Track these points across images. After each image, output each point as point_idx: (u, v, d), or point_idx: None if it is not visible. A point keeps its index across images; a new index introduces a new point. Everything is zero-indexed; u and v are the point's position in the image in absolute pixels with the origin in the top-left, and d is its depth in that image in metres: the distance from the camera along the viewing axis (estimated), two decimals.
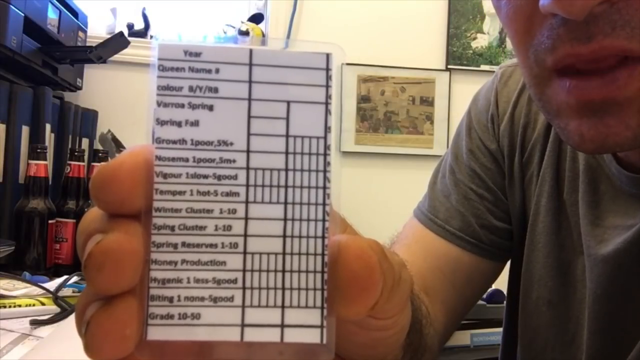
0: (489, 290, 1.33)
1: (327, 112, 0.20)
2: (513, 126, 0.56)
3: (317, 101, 0.20)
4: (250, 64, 0.19)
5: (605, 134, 0.36)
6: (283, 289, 0.19)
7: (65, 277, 0.81)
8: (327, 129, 0.20)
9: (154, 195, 0.18)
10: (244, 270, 0.19)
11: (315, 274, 0.19)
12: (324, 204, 0.19)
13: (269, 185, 0.19)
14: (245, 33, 1.86)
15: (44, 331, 0.65)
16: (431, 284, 0.53)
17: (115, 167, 0.18)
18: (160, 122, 0.19)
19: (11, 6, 1.03)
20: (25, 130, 1.15)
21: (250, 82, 0.19)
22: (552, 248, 0.52)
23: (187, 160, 0.19)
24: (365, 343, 0.23)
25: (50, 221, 1.06)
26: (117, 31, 1.30)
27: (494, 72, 0.61)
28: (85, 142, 1.50)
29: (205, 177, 0.19)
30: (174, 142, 0.19)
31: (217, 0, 1.98)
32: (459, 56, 2.08)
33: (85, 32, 1.47)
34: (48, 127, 1.22)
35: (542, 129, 0.54)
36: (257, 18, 1.96)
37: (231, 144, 0.19)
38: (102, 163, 1.16)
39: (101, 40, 1.26)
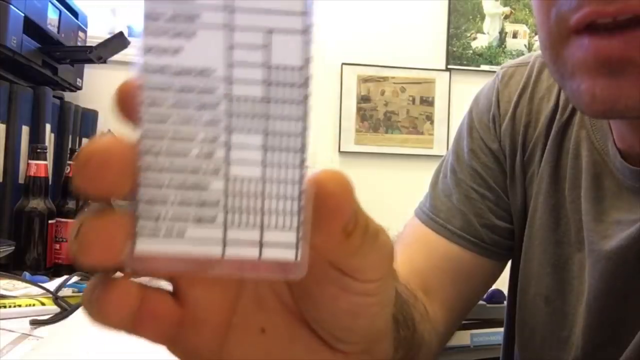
0: (489, 290, 1.34)
1: (307, 41, 0.20)
2: (514, 126, 0.56)
3: (297, 29, 0.20)
4: None
5: (618, 95, 0.36)
6: (262, 211, 0.20)
7: (65, 277, 0.81)
8: (307, 59, 0.20)
9: (140, 121, 0.19)
10: (226, 194, 0.20)
11: (292, 200, 0.20)
12: (302, 135, 0.20)
13: (249, 115, 0.20)
14: None
15: (44, 331, 0.65)
16: (431, 283, 0.53)
17: (103, 153, 0.19)
18: (147, 49, 0.19)
19: (11, 6, 1.03)
20: (25, 130, 1.15)
21: (230, 10, 0.19)
22: (549, 245, 0.52)
23: (170, 87, 0.19)
24: (346, 309, 0.23)
25: (50, 221, 1.06)
26: (117, 31, 1.30)
27: (494, 72, 0.61)
28: (85, 142, 1.50)
29: (188, 103, 0.19)
30: (158, 69, 0.19)
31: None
32: (459, 56, 2.09)
33: (85, 32, 1.47)
34: (48, 127, 1.22)
35: (543, 128, 0.54)
36: None
37: (213, 72, 0.19)
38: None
39: (101, 40, 1.26)
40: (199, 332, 0.22)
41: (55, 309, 0.71)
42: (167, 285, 0.22)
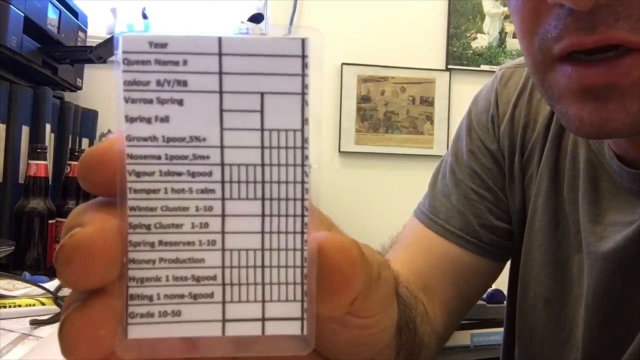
0: (489, 290, 1.34)
1: (304, 102, 0.19)
2: (513, 127, 0.56)
3: (292, 92, 0.19)
4: (220, 54, 0.18)
5: (605, 119, 0.37)
6: (263, 284, 0.19)
7: None
8: (304, 120, 0.19)
9: (129, 194, 0.18)
10: (223, 267, 0.18)
11: (295, 269, 0.19)
12: (302, 199, 0.19)
13: (245, 182, 0.18)
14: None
15: (44, 331, 0.65)
16: (430, 284, 0.53)
17: (103, 149, 0.18)
18: (130, 119, 0.18)
19: (11, 6, 1.03)
20: (25, 130, 1.15)
21: (220, 73, 0.18)
22: (549, 246, 0.52)
23: (159, 157, 0.18)
24: (347, 341, 0.23)
25: (50, 221, 1.06)
26: (117, 31, 1.30)
27: (494, 72, 0.61)
28: (85, 142, 1.50)
29: (179, 174, 0.18)
30: (145, 139, 0.18)
31: (217, 0, 1.98)
32: (459, 56, 2.08)
33: (85, 32, 1.47)
34: (48, 127, 1.22)
35: (541, 128, 0.54)
36: (257, 18, 1.96)
37: (204, 139, 0.18)
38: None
39: (101, 40, 1.26)
40: None
41: (55, 309, 0.71)
42: None
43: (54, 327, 0.66)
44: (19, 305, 0.71)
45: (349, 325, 0.22)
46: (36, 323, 0.66)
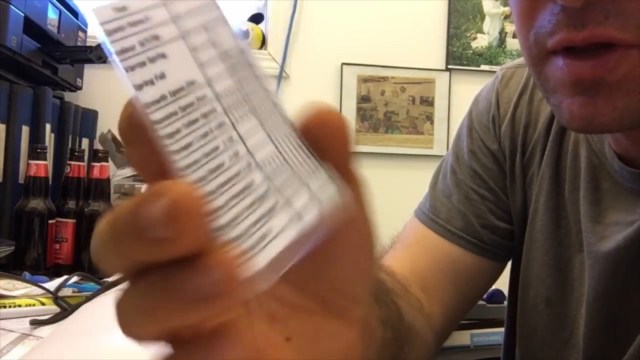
0: (489, 290, 1.34)
1: (225, 22, 0.21)
2: (514, 127, 0.56)
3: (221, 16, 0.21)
4: (164, 2, 0.20)
5: (593, 113, 0.38)
6: (298, 177, 0.21)
7: (65, 277, 0.81)
8: (235, 36, 0.21)
9: (172, 157, 0.19)
10: (268, 180, 0.20)
11: (309, 157, 0.21)
12: (276, 94, 0.21)
13: (236, 104, 0.20)
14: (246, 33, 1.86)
15: (44, 331, 0.65)
16: (430, 283, 0.53)
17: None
18: (137, 87, 0.19)
19: (11, 6, 1.03)
20: (25, 130, 1.15)
21: (173, 19, 0.20)
22: (550, 246, 0.52)
23: (176, 113, 0.19)
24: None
25: (50, 221, 1.06)
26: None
27: (494, 72, 0.61)
28: (85, 142, 1.50)
29: (197, 120, 0.19)
30: (158, 100, 0.19)
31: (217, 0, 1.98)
32: (459, 56, 2.08)
33: (85, 32, 1.47)
34: (48, 127, 1.22)
35: (542, 128, 0.54)
36: (257, 18, 1.96)
37: (195, 81, 0.20)
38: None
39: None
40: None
41: (55, 309, 0.71)
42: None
43: (54, 327, 0.66)
44: (19, 305, 0.71)
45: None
46: (36, 323, 0.66)
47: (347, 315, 0.25)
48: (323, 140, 0.21)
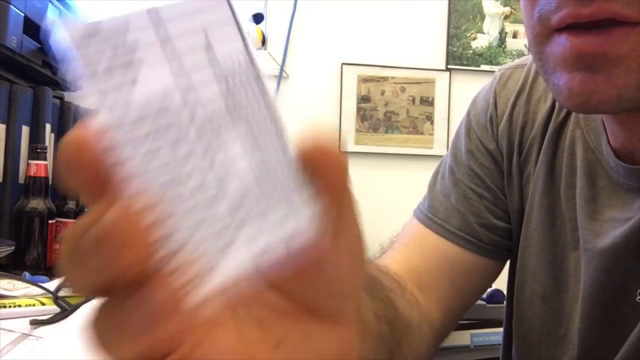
0: (489, 290, 1.34)
1: (240, 25, 0.19)
2: (511, 126, 0.56)
3: (231, 31, 0.19)
4: (157, 24, 0.19)
5: (593, 90, 0.38)
6: (264, 202, 0.20)
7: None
8: (246, 42, 0.19)
9: (124, 183, 0.18)
10: (235, 210, 0.19)
11: (293, 189, 0.20)
12: (275, 107, 0.20)
13: (218, 129, 0.19)
14: None
15: (44, 331, 0.65)
16: (427, 281, 0.54)
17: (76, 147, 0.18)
18: (96, 112, 0.18)
19: (11, 6, 1.04)
20: (25, 130, 1.15)
21: (161, 42, 0.19)
22: (545, 243, 0.52)
23: (134, 140, 0.18)
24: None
25: (50, 221, 1.06)
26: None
27: (494, 72, 0.62)
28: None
29: (159, 149, 0.19)
30: (116, 126, 0.18)
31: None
32: (459, 56, 2.09)
33: None
34: (48, 127, 1.22)
35: (539, 127, 0.55)
36: (257, 18, 1.97)
37: (168, 108, 0.19)
38: None
39: None
40: None
41: (55, 309, 0.71)
42: None
43: (54, 327, 0.66)
44: (19, 305, 0.71)
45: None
46: (36, 323, 0.66)
47: (338, 316, 0.24)
48: (317, 171, 0.20)
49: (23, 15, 1.09)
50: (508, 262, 0.60)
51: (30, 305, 0.72)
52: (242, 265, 0.19)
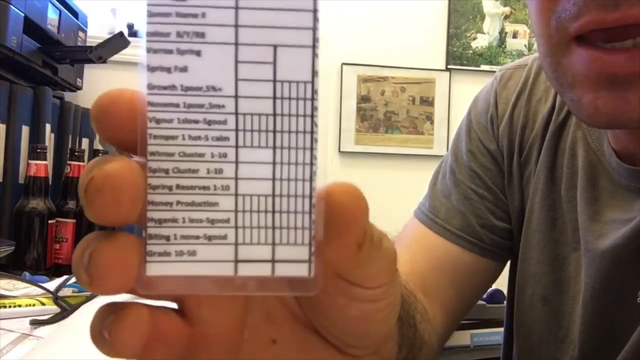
0: (489, 290, 1.33)
1: (314, 55, 0.20)
2: (512, 127, 0.56)
3: (303, 44, 0.20)
4: (236, 7, 0.19)
5: (623, 108, 0.36)
6: (273, 227, 0.20)
7: (65, 277, 0.81)
8: (314, 73, 0.20)
9: (148, 139, 0.19)
10: (236, 211, 0.19)
11: (304, 214, 0.20)
12: (311, 148, 0.20)
13: (258, 130, 0.19)
14: None
15: (44, 331, 0.65)
16: (431, 284, 0.53)
17: (116, 94, 0.19)
18: (151, 69, 0.19)
19: (11, 6, 1.04)
20: (25, 130, 1.15)
21: (236, 26, 0.19)
22: (546, 244, 0.52)
23: (177, 105, 0.19)
24: (357, 317, 0.23)
25: (50, 221, 1.06)
26: (117, 31, 1.30)
27: (494, 72, 0.62)
28: (85, 142, 1.50)
29: (196, 122, 0.19)
30: (165, 87, 0.19)
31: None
32: (459, 56, 2.09)
33: (85, 32, 1.47)
34: (48, 127, 1.22)
35: (539, 128, 0.54)
36: None
37: (220, 89, 0.19)
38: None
39: (101, 40, 1.26)
40: (210, 350, 0.22)
41: (55, 309, 0.71)
42: (172, 304, 0.22)
43: (54, 327, 0.66)
44: (19, 305, 0.71)
45: (357, 297, 0.22)
46: (36, 323, 0.66)
47: (349, 352, 0.24)
48: (337, 221, 0.20)
49: (23, 15, 1.09)
50: (508, 263, 0.60)
51: (30, 305, 0.72)
52: (221, 264, 0.19)
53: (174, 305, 0.21)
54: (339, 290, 0.22)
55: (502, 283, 0.62)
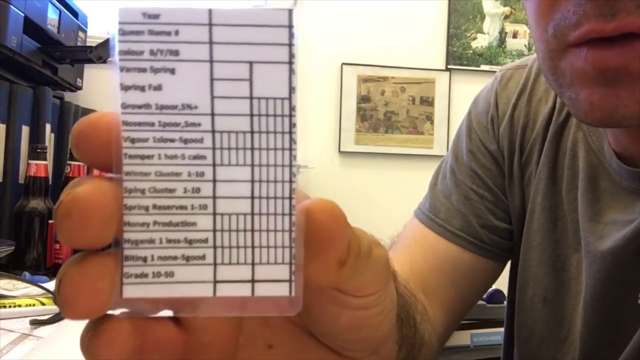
0: (489, 290, 1.34)
1: (291, 71, 0.19)
2: (512, 127, 0.56)
3: (280, 61, 0.19)
4: (210, 24, 0.19)
5: (615, 104, 0.36)
6: (252, 247, 0.19)
7: None
8: (291, 89, 0.19)
9: (124, 159, 0.19)
10: (214, 230, 0.19)
11: (283, 233, 0.19)
12: (290, 165, 0.19)
13: (235, 148, 0.19)
14: None
15: (44, 331, 0.65)
16: (431, 284, 0.53)
17: (95, 119, 0.19)
18: (125, 87, 0.19)
19: (11, 6, 1.04)
20: (25, 130, 1.15)
21: (210, 43, 0.19)
22: (547, 245, 0.52)
23: (152, 124, 0.19)
24: (349, 324, 0.23)
25: (50, 221, 1.06)
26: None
27: (494, 72, 0.61)
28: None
29: (172, 140, 0.19)
30: (139, 106, 0.19)
31: (217, 0, 1.98)
32: (459, 56, 2.09)
33: (85, 32, 1.47)
34: (48, 127, 1.22)
35: (540, 128, 0.54)
36: None
37: (195, 107, 0.19)
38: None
39: (101, 40, 1.26)
40: (206, 356, 0.22)
41: (55, 309, 0.71)
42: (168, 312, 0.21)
43: (54, 327, 0.66)
44: (19, 305, 0.71)
45: (348, 306, 0.22)
46: (36, 323, 0.66)
47: (346, 355, 0.24)
48: (316, 240, 0.20)
49: (23, 15, 1.09)
50: (509, 263, 0.60)
51: (30, 305, 0.72)
52: (200, 285, 0.19)
53: (170, 313, 0.21)
54: (329, 298, 0.22)
55: (502, 283, 0.62)
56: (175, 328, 0.21)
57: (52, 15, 1.23)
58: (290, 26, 0.19)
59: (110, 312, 0.19)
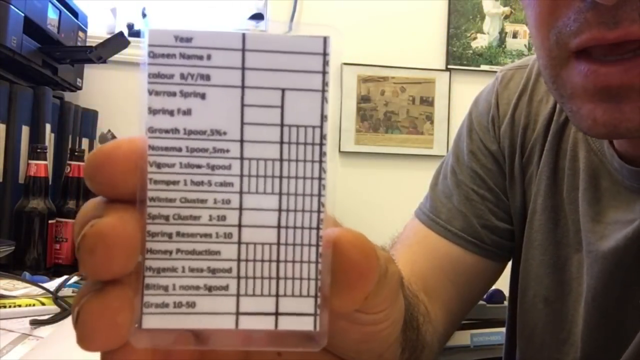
0: (489, 290, 1.34)
1: (324, 100, 0.19)
2: (513, 127, 0.56)
3: (313, 89, 0.19)
4: (243, 50, 0.18)
5: (619, 119, 0.36)
6: (277, 278, 0.19)
7: (65, 277, 0.81)
8: (323, 117, 0.19)
9: (148, 184, 0.18)
10: (239, 260, 0.19)
11: (310, 264, 0.19)
12: (319, 195, 0.19)
13: (264, 176, 0.19)
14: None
15: (44, 331, 0.65)
16: (432, 284, 0.53)
17: (111, 149, 0.18)
18: (153, 111, 0.18)
19: (11, 6, 1.03)
20: (25, 130, 1.15)
21: (243, 68, 0.18)
22: (549, 245, 0.52)
23: (180, 149, 0.18)
24: (358, 338, 0.23)
25: (50, 221, 1.06)
26: (117, 31, 1.30)
27: (494, 72, 0.62)
28: (85, 142, 1.50)
29: (199, 166, 0.18)
30: (167, 131, 0.18)
31: (217, 0, 1.98)
32: (459, 56, 2.08)
33: (85, 32, 1.47)
34: (48, 127, 1.22)
35: (541, 129, 0.54)
36: (257, 18, 1.96)
37: (224, 133, 0.18)
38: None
39: (101, 40, 1.26)
40: None
41: (55, 309, 0.71)
42: None
43: (54, 327, 0.66)
44: (19, 305, 0.71)
45: (358, 322, 0.22)
46: (36, 323, 0.66)
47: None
48: (345, 277, 0.19)
49: (23, 15, 1.09)
50: (510, 264, 0.60)
51: (30, 305, 0.72)
52: (222, 316, 0.18)
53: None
54: (339, 314, 0.21)
55: (502, 283, 0.62)
56: (194, 340, 0.20)
57: (52, 15, 1.23)
58: (325, 54, 0.19)
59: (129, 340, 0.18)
